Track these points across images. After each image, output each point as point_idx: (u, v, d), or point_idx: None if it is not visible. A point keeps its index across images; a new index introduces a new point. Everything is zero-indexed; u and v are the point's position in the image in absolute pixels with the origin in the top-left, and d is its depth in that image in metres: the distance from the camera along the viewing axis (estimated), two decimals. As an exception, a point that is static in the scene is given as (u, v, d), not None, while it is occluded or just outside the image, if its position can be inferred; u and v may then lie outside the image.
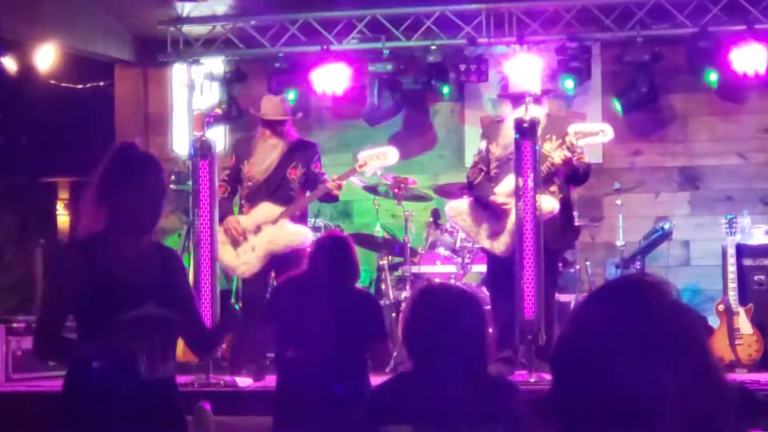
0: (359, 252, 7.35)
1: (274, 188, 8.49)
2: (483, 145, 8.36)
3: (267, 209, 8.42)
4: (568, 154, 7.88)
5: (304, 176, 8.49)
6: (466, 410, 3.60)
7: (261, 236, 8.38)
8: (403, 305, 3.93)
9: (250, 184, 8.53)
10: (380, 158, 8.54)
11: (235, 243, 8.40)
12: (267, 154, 8.56)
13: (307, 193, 8.52)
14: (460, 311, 3.71)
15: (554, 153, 7.84)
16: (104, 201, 4.23)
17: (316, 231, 9.81)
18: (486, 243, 8.18)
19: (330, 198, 8.59)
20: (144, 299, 4.17)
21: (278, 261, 8.32)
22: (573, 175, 8.02)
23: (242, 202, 8.62)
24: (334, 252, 6.23)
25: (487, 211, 8.15)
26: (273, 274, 8.46)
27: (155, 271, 4.28)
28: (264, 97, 8.98)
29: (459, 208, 8.34)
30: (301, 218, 8.55)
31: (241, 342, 8.38)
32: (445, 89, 10.49)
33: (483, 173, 8.23)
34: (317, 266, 6.23)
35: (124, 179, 4.23)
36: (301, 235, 8.37)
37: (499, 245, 8.05)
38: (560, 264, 8.85)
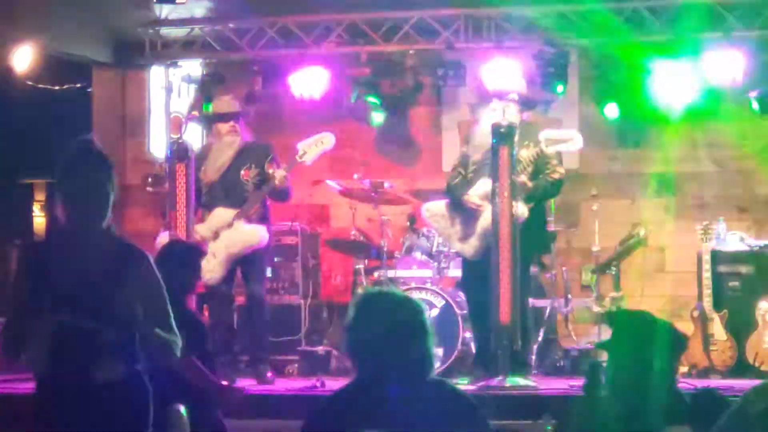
0: (336, 256, 7.23)
1: (229, 191, 8.52)
2: (464, 149, 8.48)
3: (221, 213, 8.47)
4: (524, 179, 7.93)
5: (258, 177, 8.50)
6: (417, 415, 3.58)
7: (219, 241, 8.45)
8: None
9: (207, 189, 8.56)
10: (318, 145, 8.64)
11: None
12: (221, 152, 8.60)
13: (256, 192, 8.51)
14: (398, 315, 3.67)
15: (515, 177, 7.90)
16: (58, 197, 4.22)
17: (293, 234, 9.82)
18: (457, 245, 8.26)
19: (279, 194, 8.56)
20: (64, 305, 4.05)
21: (240, 262, 8.48)
22: (531, 195, 8.06)
23: (201, 209, 8.60)
24: None
25: (461, 214, 8.20)
26: (240, 275, 8.64)
27: (98, 275, 4.11)
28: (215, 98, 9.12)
29: (434, 209, 8.41)
30: (261, 219, 8.55)
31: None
32: (423, 94, 10.49)
33: (461, 176, 8.30)
34: None
35: (69, 174, 4.23)
36: (257, 235, 8.43)
37: (469, 248, 8.11)
38: (534, 268, 8.90)
